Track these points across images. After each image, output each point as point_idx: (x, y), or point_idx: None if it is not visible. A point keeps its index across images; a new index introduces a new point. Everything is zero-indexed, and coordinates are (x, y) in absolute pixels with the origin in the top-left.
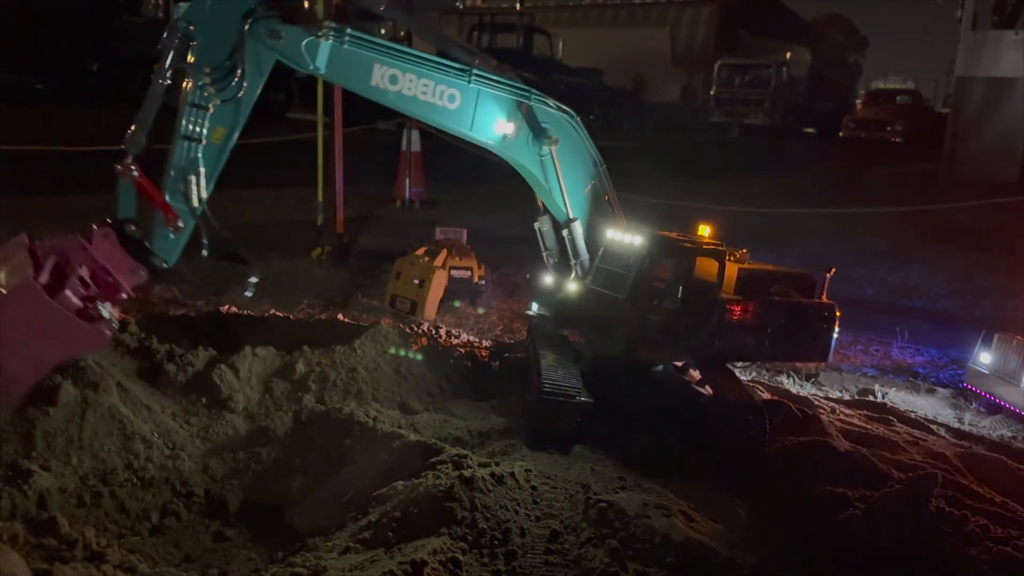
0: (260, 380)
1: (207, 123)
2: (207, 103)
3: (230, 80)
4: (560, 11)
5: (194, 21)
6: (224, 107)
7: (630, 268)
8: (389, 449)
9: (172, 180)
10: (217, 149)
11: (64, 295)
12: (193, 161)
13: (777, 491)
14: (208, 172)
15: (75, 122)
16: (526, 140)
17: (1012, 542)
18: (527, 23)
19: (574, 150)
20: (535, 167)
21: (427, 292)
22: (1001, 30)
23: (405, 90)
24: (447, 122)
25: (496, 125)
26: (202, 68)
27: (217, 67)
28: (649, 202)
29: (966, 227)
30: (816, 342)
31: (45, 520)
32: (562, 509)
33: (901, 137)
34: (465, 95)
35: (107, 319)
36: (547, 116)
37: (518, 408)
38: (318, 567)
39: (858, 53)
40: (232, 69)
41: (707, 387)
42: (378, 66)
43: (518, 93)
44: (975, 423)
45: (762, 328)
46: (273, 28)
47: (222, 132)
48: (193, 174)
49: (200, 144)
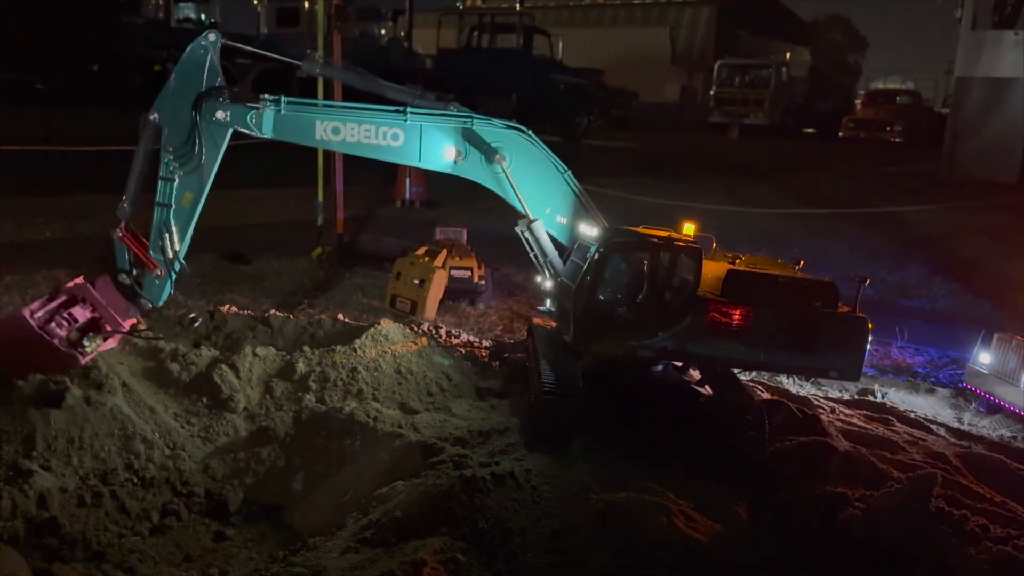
0: (261, 380)
1: (175, 191)
2: (174, 175)
3: (191, 154)
4: (560, 11)
5: (158, 110)
6: (188, 177)
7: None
8: (389, 449)
9: (153, 238)
10: (186, 212)
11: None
12: (166, 222)
13: (777, 491)
14: (180, 231)
15: (75, 122)
16: (479, 161)
17: (1012, 542)
18: (527, 23)
19: (532, 162)
20: (492, 184)
21: (427, 292)
22: (1001, 30)
23: (349, 138)
24: (396, 158)
25: (444, 153)
26: (167, 148)
27: (179, 146)
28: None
29: (966, 227)
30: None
31: (45, 520)
32: (562, 509)
33: (901, 137)
34: (407, 132)
35: (85, 347)
36: (496, 135)
37: (518, 408)
38: (318, 567)
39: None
40: (193, 146)
41: (707, 387)
42: (319, 122)
43: (458, 120)
44: (975, 423)
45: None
46: (219, 109)
47: (189, 197)
48: (167, 232)
49: (171, 209)
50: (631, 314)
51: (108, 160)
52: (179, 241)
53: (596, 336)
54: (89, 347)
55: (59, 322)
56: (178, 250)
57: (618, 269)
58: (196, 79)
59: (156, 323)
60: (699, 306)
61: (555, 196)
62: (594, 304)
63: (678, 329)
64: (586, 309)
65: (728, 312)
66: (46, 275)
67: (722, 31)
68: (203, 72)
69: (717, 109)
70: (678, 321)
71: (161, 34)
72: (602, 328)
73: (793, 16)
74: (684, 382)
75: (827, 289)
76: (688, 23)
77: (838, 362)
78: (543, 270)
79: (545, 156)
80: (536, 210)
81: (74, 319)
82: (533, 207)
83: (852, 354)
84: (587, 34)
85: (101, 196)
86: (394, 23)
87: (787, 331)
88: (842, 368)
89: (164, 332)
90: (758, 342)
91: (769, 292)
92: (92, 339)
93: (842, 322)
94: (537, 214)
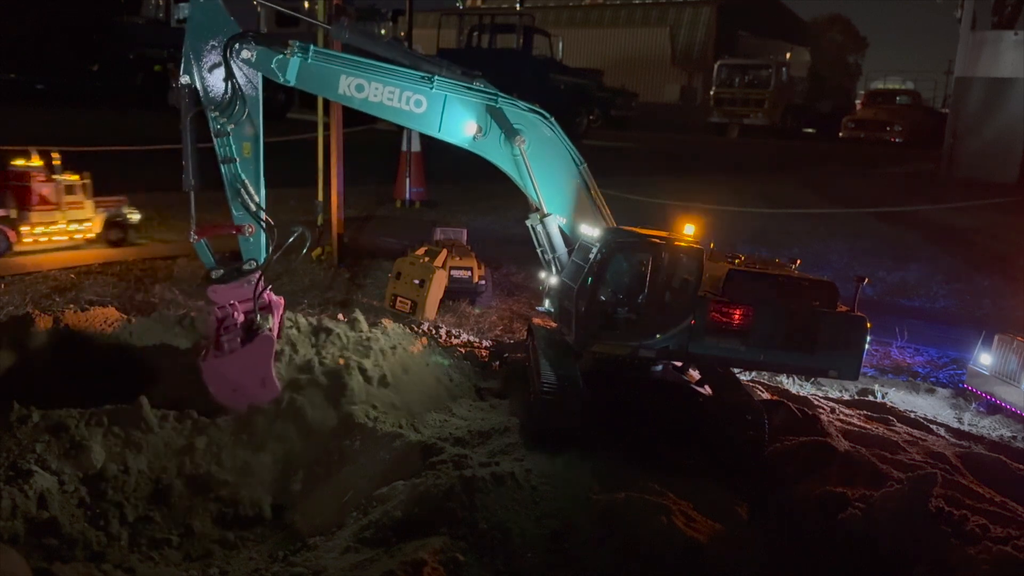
0: None
1: (233, 145)
2: (226, 129)
3: (234, 106)
4: (560, 11)
5: (187, 73)
6: (239, 128)
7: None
8: (390, 449)
9: (230, 197)
10: (251, 162)
11: (227, 347)
12: (237, 177)
13: (777, 491)
14: (253, 182)
15: (75, 122)
16: (498, 140)
17: (1012, 542)
18: (527, 23)
19: (550, 149)
20: (509, 166)
21: (427, 292)
22: (1000, 30)
23: (372, 97)
24: (416, 125)
25: (465, 127)
26: (209, 107)
27: (219, 101)
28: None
29: (965, 227)
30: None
31: (45, 520)
32: (562, 509)
33: (901, 137)
34: (432, 100)
35: (264, 326)
36: (519, 117)
37: (518, 408)
38: (318, 567)
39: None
40: (232, 97)
41: (707, 387)
42: (344, 77)
43: (485, 97)
44: (975, 423)
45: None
46: (246, 49)
47: (248, 147)
48: (242, 187)
49: (236, 163)
50: (632, 315)
51: (108, 160)
52: (256, 192)
53: (598, 336)
54: (267, 324)
55: (230, 340)
56: (258, 201)
57: (620, 270)
58: (214, 29)
59: (156, 323)
60: (700, 306)
61: (568, 187)
62: (596, 305)
63: (679, 330)
64: (588, 309)
65: (729, 312)
66: (46, 275)
67: (722, 31)
68: (218, 21)
69: (717, 109)
70: (679, 322)
71: (161, 34)
72: (603, 329)
73: (793, 16)
74: (684, 382)
75: (826, 289)
76: (688, 23)
77: (837, 361)
78: (549, 266)
79: (564, 146)
80: (548, 198)
81: (235, 326)
82: (546, 195)
83: (851, 353)
84: (587, 34)
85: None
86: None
87: (787, 331)
88: (841, 367)
89: (164, 334)
90: (758, 342)
91: (769, 292)
92: (263, 319)
93: (841, 321)
94: (549, 202)
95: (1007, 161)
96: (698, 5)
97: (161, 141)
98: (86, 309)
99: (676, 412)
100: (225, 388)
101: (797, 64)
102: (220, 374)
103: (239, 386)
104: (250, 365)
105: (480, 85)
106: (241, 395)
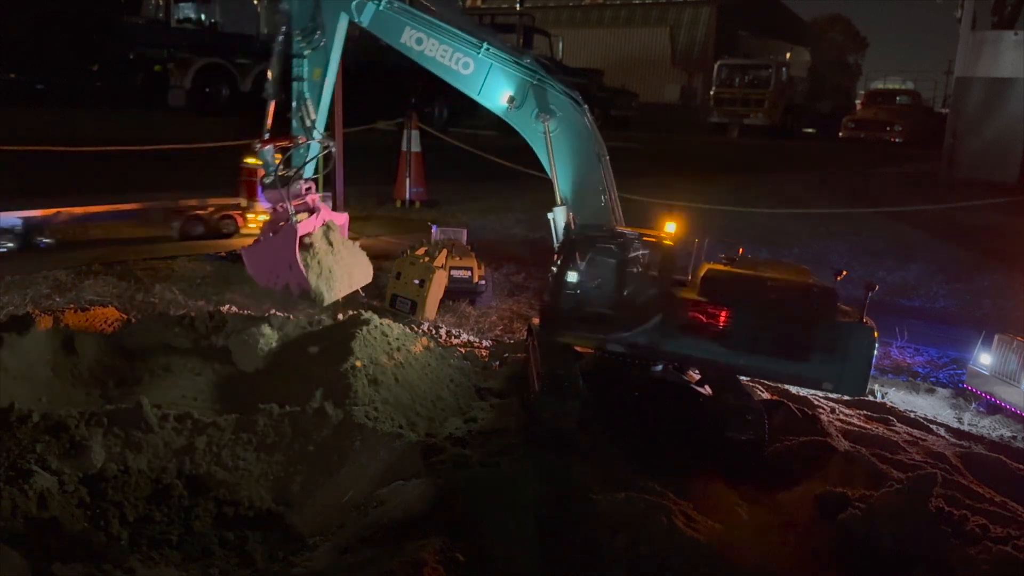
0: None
1: (306, 67)
2: (303, 52)
3: (315, 35)
4: (560, 11)
5: (285, 1)
6: (315, 54)
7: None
8: (390, 449)
9: (294, 111)
10: (317, 85)
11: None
12: (302, 94)
13: (777, 491)
14: (314, 102)
15: (75, 122)
16: (530, 115)
17: (1012, 542)
18: (527, 23)
19: (574, 136)
20: (535, 141)
21: (427, 292)
22: (1000, 30)
23: (428, 51)
24: (459, 85)
25: (502, 96)
26: (295, 30)
27: (304, 27)
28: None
29: (965, 227)
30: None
31: (45, 520)
32: (562, 509)
33: (901, 137)
34: (478, 65)
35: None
36: (553, 99)
37: (518, 408)
38: (318, 567)
39: (858, 53)
40: (315, 28)
41: (706, 387)
42: (408, 29)
43: (525, 72)
44: (975, 423)
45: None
46: None
47: (318, 72)
48: (304, 104)
49: (304, 82)
50: (600, 308)
51: (107, 161)
52: (314, 111)
53: (566, 327)
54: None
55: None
56: (314, 119)
57: (588, 263)
58: None
59: (156, 323)
60: (674, 304)
61: (584, 178)
62: (564, 296)
63: (649, 326)
64: (556, 301)
65: (704, 312)
66: (46, 275)
67: (722, 31)
68: None
69: (717, 109)
70: (647, 318)
71: (161, 34)
72: (572, 321)
73: (793, 16)
74: (684, 382)
75: (824, 295)
76: (688, 23)
77: (834, 373)
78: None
79: (588, 134)
80: (563, 184)
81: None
82: (562, 182)
83: (853, 365)
84: (587, 34)
85: (100, 196)
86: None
87: (772, 336)
88: (839, 380)
89: (164, 334)
90: (738, 345)
91: (749, 293)
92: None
93: (840, 330)
94: (563, 188)
95: (1007, 161)
96: (698, 5)
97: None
98: (86, 309)
99: (676, 412)
100: (262, 271)
101: (797, 64)
102: (256, 259)
103: (273, 270)
104: (278, 251)
105: (527, 62)
106: (276, 278)
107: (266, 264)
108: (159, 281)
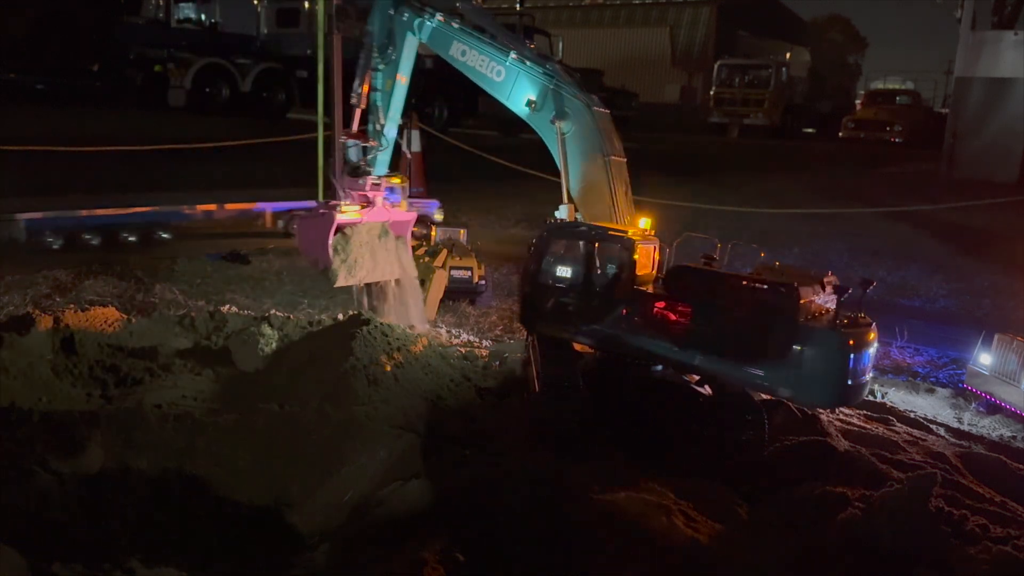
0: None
1: (380, 79)
2: (378, 67)
3: (387, 51)
4: (560, 11)
5: (369, 23)
6: (388, 67)
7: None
8: (389, 449)
9: (370, 119)
10: (388, 95)
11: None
12: (374, 102)
13: (777, 491)
14: (384, 110)
15: (75, 122)
16: (548, 117)
17: (1012, 542)
18: (527, 23)
19: (586, 139)
20: (551, 142)
21: (427, 292)
22: (1000, 30)
23: (470, 61)
24: (492, 90)
25: (524, 99)
26: (374, 46)
27: (380, 45)
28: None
29: (965, 227)
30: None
31: (45, 520)
32: (562, 509)
33: (901, 137)
34: (508, 73)
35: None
36: (568, 103)
37: (518, 408)
38: (318, 567)
39: (858, 53)
40: (388, 44)
41: (706, 387)
42: (456, 43)
43: (543, 77)
44: (974, 423)
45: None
46: (405, 12)
47: (389, 83)
48: (374, 111)
49: (378, 92)
50: (569, 301)
51: (107, 160)
52: (384, 118)
53: (540, 319)
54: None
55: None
56: (383, 124)
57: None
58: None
59: (156, 323)
60: (633, 298)
61: (591, 181)
62: (537, 289)
63: (613, 320)
64: (530, 293)
65: (662, 308)
66: (46, 275)
67: (722, 31)
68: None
69: (717, 109)
70: (612, 312)
71: (161, 34)
72: (545, 312)
73: (793, 16)
74: (684, 382)
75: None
76: (688, 23)
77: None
78: None
79: (598, 137)
80: (573, 186)
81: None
82: (572, 183)
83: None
84: (587, 34)
85: (100, 196)
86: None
87: (725, 336)
88: (795, 387)
89: (164, 334)
90: (693, 344)
91: (712, 292)
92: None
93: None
94: (573, 190)
95: (1007, 161)
96: (698, 5)
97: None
98: (86, 309)
99: (676, 412)
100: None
101: (797, 64)
102: (300, 232)
103: (312, 245)
104: (317, 231)
105: (550, 68)
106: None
107: (307, 235)
108: (159, 281)
